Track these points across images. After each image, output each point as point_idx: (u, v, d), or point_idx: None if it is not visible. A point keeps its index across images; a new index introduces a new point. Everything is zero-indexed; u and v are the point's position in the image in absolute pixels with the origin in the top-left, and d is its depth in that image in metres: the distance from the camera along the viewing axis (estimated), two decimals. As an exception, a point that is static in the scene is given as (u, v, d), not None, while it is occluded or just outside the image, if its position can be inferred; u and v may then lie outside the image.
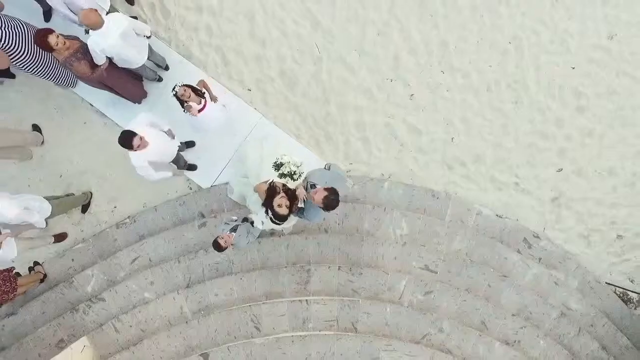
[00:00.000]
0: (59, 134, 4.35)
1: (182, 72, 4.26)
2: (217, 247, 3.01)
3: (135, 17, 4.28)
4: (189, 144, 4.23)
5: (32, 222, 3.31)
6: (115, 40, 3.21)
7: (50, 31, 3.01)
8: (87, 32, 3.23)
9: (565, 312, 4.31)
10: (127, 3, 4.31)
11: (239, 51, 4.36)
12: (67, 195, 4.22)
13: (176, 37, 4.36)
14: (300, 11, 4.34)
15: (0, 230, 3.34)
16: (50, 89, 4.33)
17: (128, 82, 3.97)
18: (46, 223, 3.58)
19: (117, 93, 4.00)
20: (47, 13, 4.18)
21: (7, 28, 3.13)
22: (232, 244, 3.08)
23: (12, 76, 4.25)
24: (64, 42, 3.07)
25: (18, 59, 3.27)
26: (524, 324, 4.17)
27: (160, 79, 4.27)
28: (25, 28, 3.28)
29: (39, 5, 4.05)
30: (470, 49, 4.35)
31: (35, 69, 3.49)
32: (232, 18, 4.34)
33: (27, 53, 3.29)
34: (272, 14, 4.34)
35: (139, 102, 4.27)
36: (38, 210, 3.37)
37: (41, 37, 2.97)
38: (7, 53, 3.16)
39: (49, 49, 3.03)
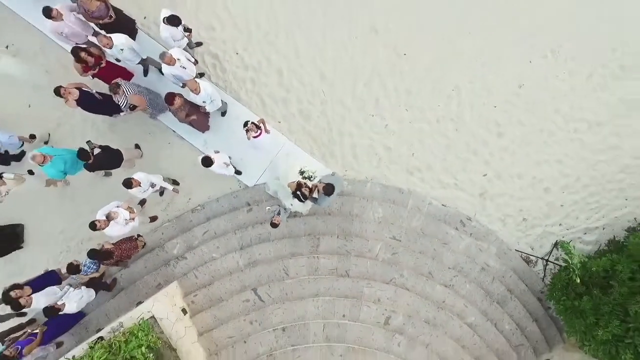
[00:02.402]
0: (151, 150, 6.54)
1: (233, 110, 6.42)
2: (274, 225, 5.21)
3: (203, 74, 6.45)
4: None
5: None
6: (207, 84, 5.36)
7: (176, 95, 5.17)
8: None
9: (485, 268, 6.56)
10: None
11: (271, 95, 6.52)
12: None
13: (230, 86, 6.52)
14: (312, 68, 6.49)
15: (134, 209, 5.61)
16: (145, 119, 6.49)
17: (201, 120, 6.14)
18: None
19: (192, 126, 6.18)
20: (145, 71, 6.34)
21: (145, 92, 5.45)
22: (280, 221, 5.32)
23: (120, 111, 6.42)
24: (183, 102, 5.27)
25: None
26: (456, 274, 6.42)
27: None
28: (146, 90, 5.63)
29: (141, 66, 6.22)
30: (425, 93, 6.51)
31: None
32: (267, 73, 6.50)
33: (149, 105, 5.60)
34: (294, 70, 6.49)
35: (202, 132, 6.43)
36: (162, 184, 5.80)
37: (170, 98, 5.14)
38: None
39: (172, 105, 5.22)
